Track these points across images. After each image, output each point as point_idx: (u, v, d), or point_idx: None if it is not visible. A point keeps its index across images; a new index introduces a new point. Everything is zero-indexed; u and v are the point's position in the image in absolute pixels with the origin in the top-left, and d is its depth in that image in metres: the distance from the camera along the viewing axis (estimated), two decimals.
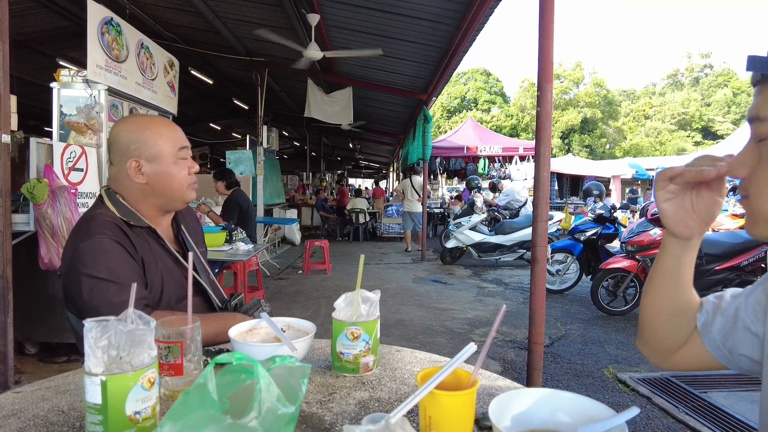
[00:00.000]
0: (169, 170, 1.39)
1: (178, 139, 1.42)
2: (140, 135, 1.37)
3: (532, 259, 2.86)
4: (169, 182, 1.40)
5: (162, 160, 1.38)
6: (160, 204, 1.44)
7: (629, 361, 3.89)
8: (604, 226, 5.90)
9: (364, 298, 1.16)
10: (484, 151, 12.02)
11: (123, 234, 1.32)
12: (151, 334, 0.85)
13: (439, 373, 0.77)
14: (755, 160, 0.69)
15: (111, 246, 1.28)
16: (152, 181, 1.39)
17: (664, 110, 46.41)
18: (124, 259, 1.29)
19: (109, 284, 1.24)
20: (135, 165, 1.36)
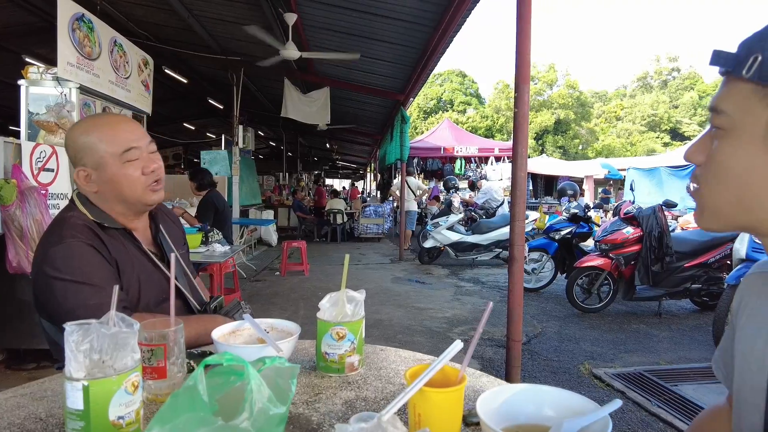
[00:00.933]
0: (115, 176, 1.30)
1: (122, 140, 1.30)
2: (83, 143, 1.29)
3: (509, 257, 2.90)
4: (119, 188, 1.31)
5: (106, 167, 1.29)
6: (121, 209, 1.37)
7: (604, 357, 3.97)
8: (578, 225, 6.01)
9: (349, 297, 1.17)
10: (460, 152, 12.13)
11: (95, 237, 1.29)
12: (135, 337, 0.84)
13: (427, 371, 0.78)
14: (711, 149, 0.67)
15: (83, 249, 1.24)
16: (102, 189, 1.32)
17: (634, 112, 47.57)
18: (97, 261, 1.26)
19: (83, 286, 1.20)
20: (83, 174, 1.30)
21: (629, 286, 5.11)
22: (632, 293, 5.11)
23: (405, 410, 0.87)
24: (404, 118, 8.29)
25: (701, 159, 0.69)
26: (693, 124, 44.97)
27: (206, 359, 0.64)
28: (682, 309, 5.56)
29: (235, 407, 0.64)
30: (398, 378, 1.12)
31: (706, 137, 0.69)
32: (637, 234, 4.96)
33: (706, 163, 0.68)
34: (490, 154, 12.41)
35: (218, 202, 4.97)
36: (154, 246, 1.47)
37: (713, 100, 0.68)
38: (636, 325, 4.89)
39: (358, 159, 24.14)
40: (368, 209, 11.97)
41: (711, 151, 0.67)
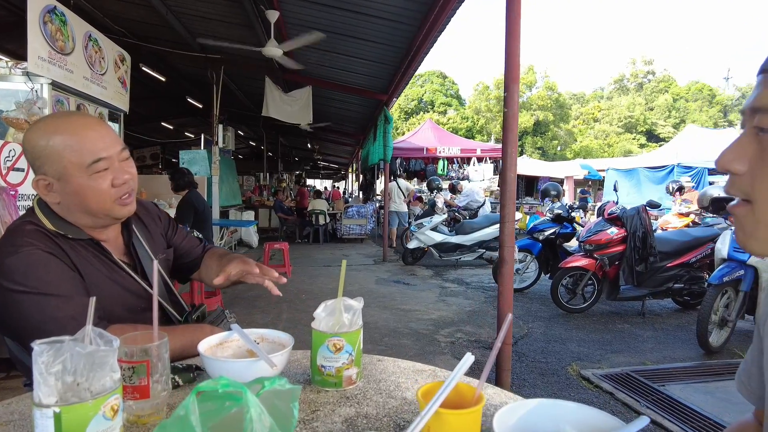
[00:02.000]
0: (80, 189, 1.15)
1: (90, 150, 1.14)
2: (43, 148, 1.13)
3: (499, 259, 2.85)
4: (84, 202, 1.17)
5: (70, 178, 1.14)
6: (86, 223, 1.23)
7: (591, 358, 3.97)
8: (562, 225, 6.03)
9: (346, 306, 1.09)
10: (443, 153, 12.12)
11: (55, 245, 1.17)
12: (114, 354, 0.76)
13: (441, 390, 0.72)
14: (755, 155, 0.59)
15: (43, 257, 1.12)
16: (66, 201, 1.18)
17: (611, 113, 48.43)
18: (60, 269, 1.14)
19: (50, 298, 1.09)
20: (44, 183, 1.16)
21: (613, 286, 5.13)
22: (616, 293, 5.13)
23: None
24: (387, 118, 8.23)
25: (742, 167, 0.60)
26: (668, 126, 46.00)
27: (199, 385, 0.56)
28: (664, 308, 5.62)
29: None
30: (399, 392, 1.06)
31: (743, 141, 0.60)
32: (621, 234, 4.99)
33: (753, 171, 0.59)
34: (472, 154, 12.44)
35: (198, 202, 4.83)
36: (127, 255, 1.35)
37: (753, 100, 0.60)
38: (621, 325, 4.91)
39: (339, 159, 24.00)
40: (351, 210, 11.88)
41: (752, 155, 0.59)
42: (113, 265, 1.27)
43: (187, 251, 1.53)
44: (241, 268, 1.31)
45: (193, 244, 1.56)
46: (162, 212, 1.54)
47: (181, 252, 1.51)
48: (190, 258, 1.54)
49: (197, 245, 1.56)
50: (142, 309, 1.28)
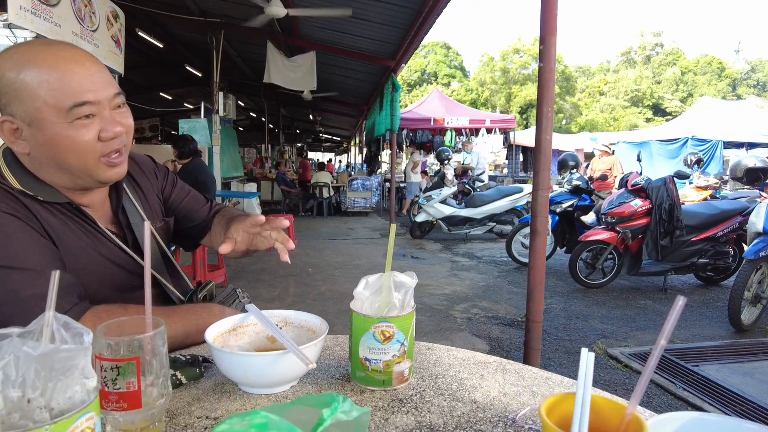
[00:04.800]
0: (55, 139, 0.90)
1: (72, 91, 0.89)
2: (12, 83, 0.87)
3: (531, 230, 2.61)
4: (59, 156, 0.92)
5: (44, 124, 0.89)
6: (62, 182, 0.97)
7: (616, 336, 3.76)
8: (580, 197, 5.77)
9: (397, 283, 0.84)
10: (451, 123, 11.75)
11: (21, 205, 0.91)
12: (85, 354, 0.51)
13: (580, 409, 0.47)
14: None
15: (4, 220, 0.88)
16: (37, 153, 0.93)
17: (617, 87, 47.56)
18: (26, 235, 0.89)
19: (10, 272, 0.85)
20: (11, 127, 0.91)
21: (635, 261, 4.90)
22: (638, 268, 4.90)
23: None
24: (395, 85, 7.88)
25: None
26: (675, 99, 45.23)
27: (220, 429, 0.31)
28: (686, 284, 5.40)
29: None
30: (466, 392, 0.82)
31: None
32: (646, 206, 4.73)
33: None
34: (481, 125, 12.06)
35: (199, 172, 4.57)
36: (116, 224, 1.09)
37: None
38: (642, 301, 4.70)
39: (341, 132, 23.57)
40: (355, 182, 11.60)
41: None
42: (98, 234, 1.02)
43: (191, 212, 1.27)
44: (245, 228, 1.03)
45: (198, 203, 1.29)
46: (160, 166, 1.27)
47: (183, 213, 1.24)
48: (195, 221, 1.27)
49: (203, 204, 1.29)
50: (134, 287, 1.04)
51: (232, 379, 0.79)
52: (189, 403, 0.76)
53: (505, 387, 0.85)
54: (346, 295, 4.68)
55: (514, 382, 0.87)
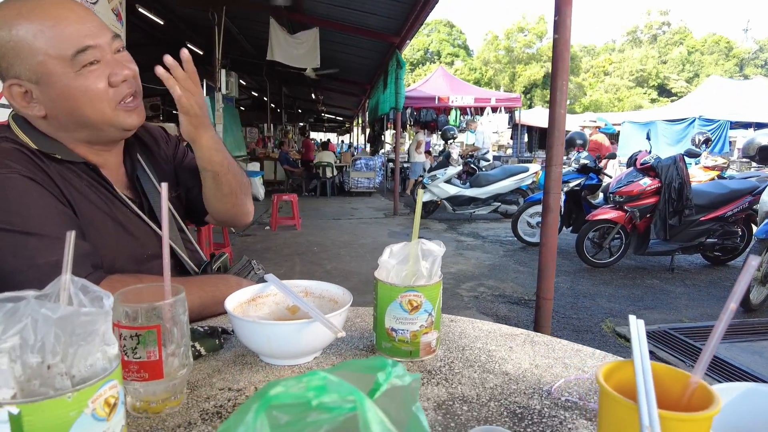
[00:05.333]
0: (68, 91, 0.86)
1: (70, 37, 0.84)
2: (7, 42, 0.83)
3: (543, 207, 2.57)
4: (77, 109, 0.88)
5: (52, 78, 0.85)
6: (84, 138, 0.94)
7: (624, 315, 3.74)
8: (587, 176, 5.70)
9: (424, 251, 0.80)
10: (456, 102, 11.59)
11: (37, 168, 0.87)
12: (106, 318, 0.48)
13: (643, 376, 0.44)
14: None
15: (21, 183, 0.83)
16: (55, 112, 0.89)
17: (623, 67, 46.97)
18: (44, 200, 0.85)
19: (28, 238, 0.81)
20: (19, 91, 0.87)
21: (642, 240, 4.87)
22: (645, 247, 4.87)
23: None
24: (400, 62, 7.75)
25: None
26: (680, 80, 44.69)
27: (271, 393, 0.28)
28: (692, 264, 5.37)
29: None
30: (495, 364, 0.79)
31: None
32: (655, 185, 4.67)
33: None
34: (486, 104, 11.90)
35: None
36: (131, 190, 1.05)
37: None
38: (649, 281, 4.68)
39: (344, 111, 23.35)
40: (359, 162, 11.52)
41: None
42: (114, 200, 0.98)
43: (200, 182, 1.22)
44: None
45: None
46: (171, 136, 1.23)
47: (193, 183, 1.19)
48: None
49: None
50: (148, 258, 1.00)
51: (255, 349, 0.76)
52: (209, 375, 0.73)
53: (536, 359, 0.82)
54: (352, 273, 4.68)
55: (545, 354, 0.84)
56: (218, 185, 1.07)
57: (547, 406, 0.67)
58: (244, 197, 1.15)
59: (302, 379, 0.28)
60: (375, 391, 0.32)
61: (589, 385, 0.73)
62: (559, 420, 0.63)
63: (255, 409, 0.26)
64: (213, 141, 1.02)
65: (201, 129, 0.99)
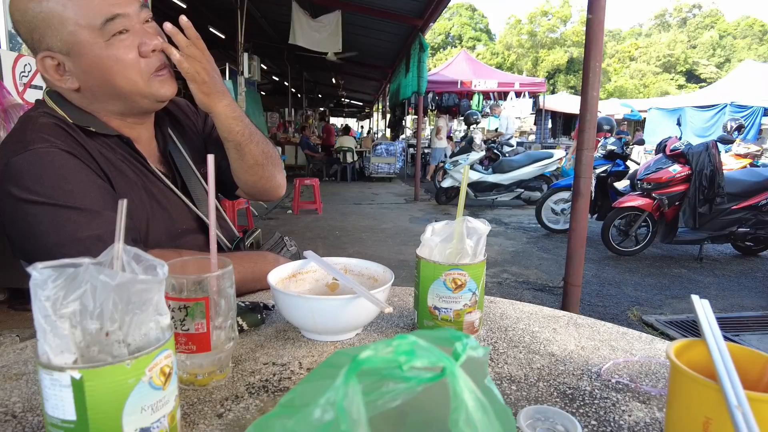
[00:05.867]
0: (99, 62, 0.85)
1: (98, 6, 0.84)
2: (38, 14, 0.83)
3: (574, 192, 2.52)
4: (110, 80, 0.87)
5: (83, 48, 0.84)
6: (118, 110, 0.94)
7: (651, 303, 3.68)
8: (614, 163, 5.58)
9: (469, 229, 0.78)
10: (478, 86, 11.41)
11: (75, 142, 0.87)
12: (160, 287, 0.47)
13: (720, 355, 0.42)
14: None
15: (60, 158, 0.84)
16: (87, 84, 0.88)
17: (649, 52, 45.67)
18: (83, 174, 0.85)
19: (70, 212, 0.81)
20: (52, 64, 0.86)
21: (670, 229, 4.76)
22: (672, 236, 4.76)
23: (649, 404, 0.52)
24: (422, 45, 7.63)
25: None
26: (710, 65, 43.29)
27: (360, 357, 0.26)
28: (722, 253, 5.24)
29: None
30: (540, 345, 0.77)
31: None
32: (685, 172, 4.55)
33: None
34: (510, 89, 11.68)
35: None
36: (163, 164, 1.05)
37: None
38: (677, 270, 4.58)
39: (364, 96, 23.25)
40: (379, 147, 11.46)
41: None
42: (149, 174, 0.98)
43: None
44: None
45: None
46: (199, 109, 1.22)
47: (222, 156, 1.13)
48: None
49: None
50: (180, 233, 1.00)
51: (299, 324, 0.75)
52: (253, 350, 0.73)
53: (581, 341, 0.80)
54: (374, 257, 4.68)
55: (590, 336, 0.82)
56: (242, 156, 1.06)
57: (598, 387, 0.65)
58: (272, 168, 1.13)
59: (391, 343, 0.27)
60: (456, 360, 0.31)
61: (639, 367, 0.71)
62: (612, 402, 0.61)
63: (345, 373, 0.24)
64: (230, 109, 1.00)
65: (214, 97, 0.97)
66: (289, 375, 0.65)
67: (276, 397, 0.61)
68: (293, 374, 0.66)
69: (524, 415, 0.55)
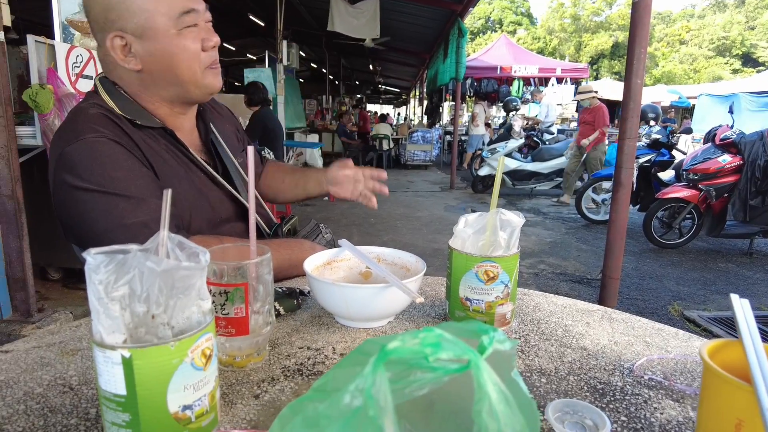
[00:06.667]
0: (169, 47, 0.92)
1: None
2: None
3: (615, 182, 2.45)
4: (174, 65, 0.94)
5: (157, 33, 0.91)
6: (170, 97, 1.00)
7: (693, 298, 3.56)
8: (659, 152, 5.38)
9: (503, 221, 0.79)
10: (518, 72, 11.14)
11: (123, 133, 0.92)
12: (202, 274, 0.50)
13: (756, 357, 0.41)
14: None
15: (109, 147, 0.88)
16: (149, 67, 0.94)
17: (702, 34, 43.39)
18: (130, 163, 0.90)
19: (117, 200, 0.85)
20: (120, 44, 0.91)
21: (717, 222, 4.56)
22: (719, 229, 4.57)
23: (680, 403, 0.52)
24: (461, 30, 7.51)
25: None
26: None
27: (389, 348, 0.28)
28: None
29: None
30: (572, 339, 0.77)
31: None
32: (736, 163, 4.34)
33: None
34: (551, 74, 11.37)
35: (268, 119, 4.61)
36: (205, 154, 1.10)
37: None
38: (723, 265, 4.41)
39: (401, 82, 23.10)
40: (416, 135, 11.39)
41: None
42: (190, 163, 1.02)
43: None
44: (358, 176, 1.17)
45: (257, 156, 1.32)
46: (234, 115, 1.31)
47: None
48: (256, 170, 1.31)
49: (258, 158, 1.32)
50: (220, 222, 1.04)
51: (332, 311, 0.77)
52: (289, 334, 0.75)
53: (615, 336, 0.79)
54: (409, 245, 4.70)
55: (624, 331, 0.81)
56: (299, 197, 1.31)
57: (630, 383, 0.64)
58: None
59: (417, 335, 0.28)
60: (481, 354, 0.32)
61: (674, 365, 0.70)
62: (644, 398, 0.61)
63: (373, 362, 0.26)
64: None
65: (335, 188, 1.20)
66: (323, 359, 0.68)
67: (310, 381, 0.63)
68: (327, 359, 0.68)
69: (552, 408, 0.55)
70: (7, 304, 2.69)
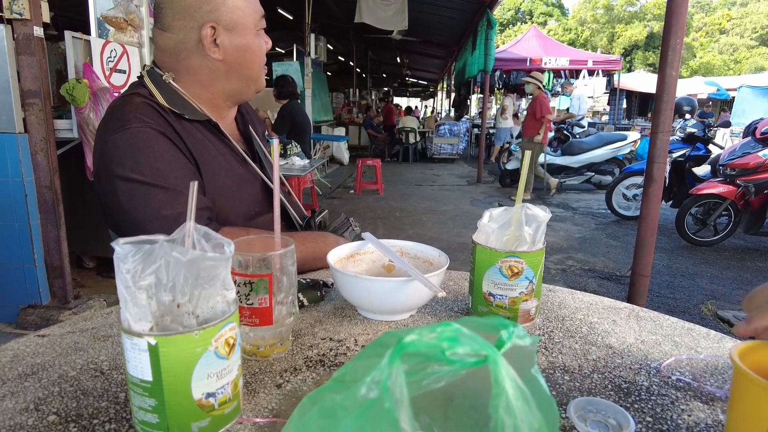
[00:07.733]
0: (251, 44, 1.01)
1: (258, 3, 1.03)
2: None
3: (646, 177, 2.39)
4: (249, 60, 1.02)
5: (245, 30, 1.00)
6: (231, 90, 1.05)
7: (727, 297, 3.45)
8: (694, 147, 5.21)
9: (528, 216, 0.78)
10: (549, 64, 10.92)
11: (167, 124, 0.94)
12: (227, 264, 0.51)
13: None
14: None
15: (153, 138, 0.91)
16: (230, 59, 1.00)
17: (744, 23, 41.69)
18: (171, 156, 0.92)
19: (156, 190, 0.88)
20: (211, 33, 0.97)
21: (756, 219, 4.40)
22: (758, 227, 4.40)
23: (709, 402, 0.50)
24: (490, 22, 7.41)
25: None
26: None
27: (406, 341, 0.28)
28: None
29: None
30: (598, 336, 0.76)
31: None
32: None
33: None
34: (582, 66, 11.11)
35: (297, 113, 4.64)
36: (242, 143, 1.13)
37: None
38: (761, 263, 4.25)
39: (429, 75, 22.94)
40: (442, 128, 11.31)
41: None
42: (231, 152, 1.05)
43: None
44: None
45: None
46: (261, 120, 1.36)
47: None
48: None
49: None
50: (255, 214, 1.06)
51: (355, 303, 0.78)
52: (312, 325, 0.76)
53: (642, 334, 0.77)
54: (434, 239, 4.68)
55: (651, 330, 0.79)
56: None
57: (656, 383, 0.63)
58: None
59: (435, 329, 0.28)
60: (500, 347, 0.31)
61: (704, 366, 0.68)
62: (671, 399, 0.59)
63: (389, 354, 0.26)
64: None
65: None
66: (345, 351, 0.68)
67: (331, 372, 0.64)
68: (348, 350, 0.69)
69: (575, 406, 0.55)
70: (46, 291, 2.80)
